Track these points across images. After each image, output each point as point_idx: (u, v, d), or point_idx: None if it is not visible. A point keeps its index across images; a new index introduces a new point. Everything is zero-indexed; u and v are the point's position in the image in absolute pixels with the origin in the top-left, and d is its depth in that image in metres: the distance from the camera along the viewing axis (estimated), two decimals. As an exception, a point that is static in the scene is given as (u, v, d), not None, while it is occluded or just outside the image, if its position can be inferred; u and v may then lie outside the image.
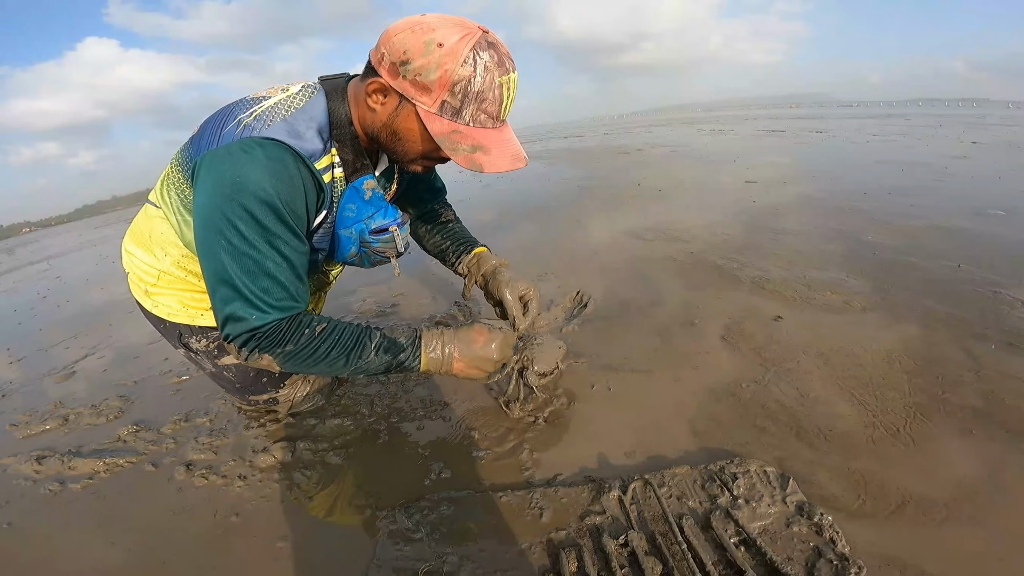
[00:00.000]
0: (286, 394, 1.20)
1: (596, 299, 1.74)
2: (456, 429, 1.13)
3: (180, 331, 1.08)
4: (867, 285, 1.67)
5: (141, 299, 1.09)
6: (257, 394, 1.19)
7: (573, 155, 7.74)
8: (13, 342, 2.39)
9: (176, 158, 0.93)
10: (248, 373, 1.14)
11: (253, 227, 0.76)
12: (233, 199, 0.75)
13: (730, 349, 1.34)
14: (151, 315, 1.09)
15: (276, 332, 0.79)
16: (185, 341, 1.09)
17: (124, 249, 1.10)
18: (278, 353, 0.80)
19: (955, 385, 1.10)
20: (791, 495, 0.82)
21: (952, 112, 15.87)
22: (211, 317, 1.02)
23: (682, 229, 2.57)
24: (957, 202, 2.76)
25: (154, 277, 1.04)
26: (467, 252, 1.23)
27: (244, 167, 0.75)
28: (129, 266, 1.09)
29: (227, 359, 1.12)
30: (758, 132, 9.25)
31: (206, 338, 1.08)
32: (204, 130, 0.85)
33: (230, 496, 1.02)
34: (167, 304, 1.06)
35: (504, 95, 0.79)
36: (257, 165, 0.76)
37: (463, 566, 0.78)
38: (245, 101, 0.85)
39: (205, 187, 0.79)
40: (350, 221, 0.95)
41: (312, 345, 0.81)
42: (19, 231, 19.92)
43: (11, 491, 1.13)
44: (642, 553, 0.75)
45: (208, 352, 1.10)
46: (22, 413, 1.52)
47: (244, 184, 0.75)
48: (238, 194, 0.75)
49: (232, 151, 0.77)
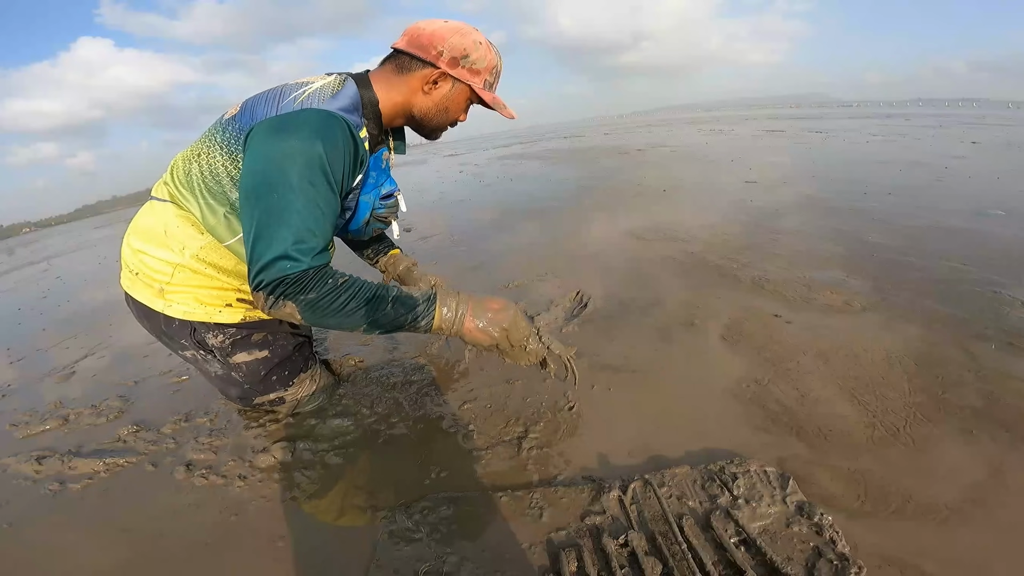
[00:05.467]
0: (293, 393, 1.22)
1: (596, 299, 1.74)
2: (456, 429, 1.13)
3: (194, 327, 1.08)
4: (867, 285, 1.67)
5: (151, 301, 1.06)
6: (265, 393, 1.19)
7: (573, 155, 7.74)
8: (13, 342, 2.39)
9: (212, 139, 0.98)
10: (259, 371, 1.15)
11: (302, 182, 0.84)
12: (287, 156, 0.84)
13: (730, 349, 1.34)
14: (160, 316, 1.07)
15: (303, 280, 0.83)
16: (200, 338, 1.09)
17: (131, 249, 1.07)
18: (301, 300, 0.84)
19: (955, 385, 1.10)
20: (791, 495, 0.82)
21: (952, 112, 15.87)
22: (228, 314, 1.08)
23: (682, 229, 2.57)
24: (957, 202, 2.76)
25: (168, 274, 1.04)
26: (384, 253, 1.44)
27: (300, 129, 0.86)
28: (138, 266, 1.06)
29: (239, 356, 1.13)
30: (758, 132, 9.26)
31: (222, 334, 1.10)
32: (254, 107, 0.94)
33: (230, 496, 1.02)
34: (183, 303, 1.06)
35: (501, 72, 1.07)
36: (311, 129, 0.86)
37: (463, 566, 0.78)
38: (292, 85, 0.96)
39: (261, 146, 0.87)
40: (370, 187, 1.10)
41: (334, 295, 0.85)
42: (19, 231, 19.93)
43: (11, 491, 1.13)
44: (642, 553, 0.75)
45: (222, 348, 1.11)
46: (22, 413, 1.52)
47: (298, 144, 0.85)
48: (292, 152, 0.84)
49: (293, 117, 0.88)
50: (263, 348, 1.15)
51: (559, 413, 1.14)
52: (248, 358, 1.13)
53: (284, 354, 1.19)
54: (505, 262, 2.33)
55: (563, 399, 1.18)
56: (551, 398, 1.19)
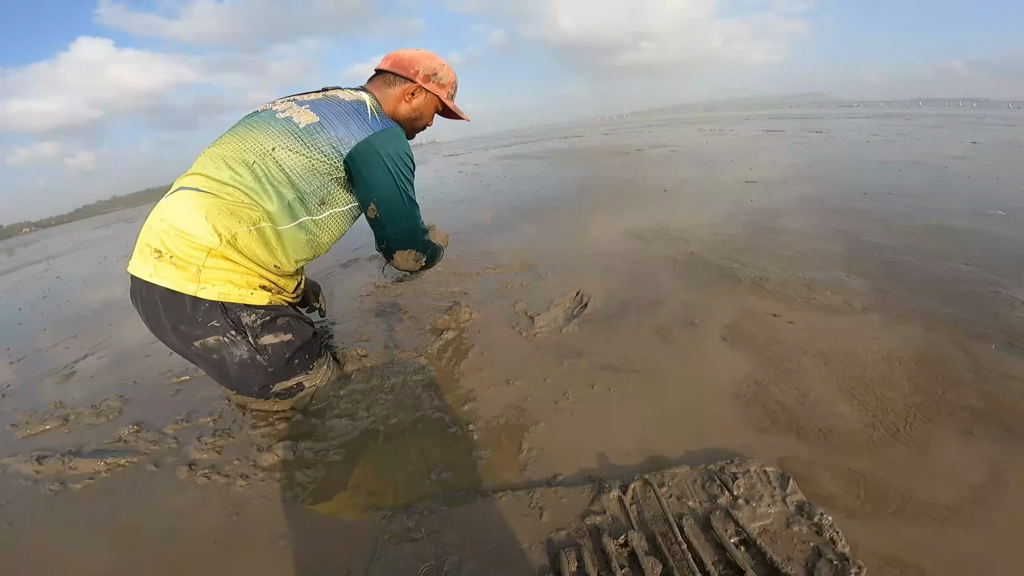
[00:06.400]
0: (312, 378, 1.29)
1: (596, 299, 1.74)
2: (456, 429, 1.13)
3: (227, 308, 1.13)
4: (867, 285, 1.67)
5: (180, 284, 1.10)
6: (287, 379, 1.25)
7: (573, 155, 7.74)
8: (13, 342, 2.39)
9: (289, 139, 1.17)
10: (284, 354, 1.22)
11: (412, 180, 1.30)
12: (406, 164, 1.26)
13: (730, 349, 1.34)
14: (186, 299, 1.10)
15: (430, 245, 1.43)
16: (235, 316, 1.14)
17: (171, 230, 1.10)
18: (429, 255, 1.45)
19: (955, 385, 1.10)
20: (791, 495, 0.82)
21: (952, 112, 15.87)
22: (258, 296, 1.18)
23: (682, 229, 2.57)
24: (957, 202, 2.76)
25: (202, 258, 1.10)
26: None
27: (403, 144, 1.26)
28: (175, 247, 1.09)
29: (267, 338, 1.19)
30: (758, 132, 9.26)
31: (255, 314, 1.18)
32: (336, 119, 1.20)
33: (232, 495, 1.02)
34: (218, 283, 1.12)
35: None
36: (405, 142, 1.28)
37: (463, 566, 0.78)
38: (353, 104, 1.25)
39: (383, 162, 1.21)
40: None
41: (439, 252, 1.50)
42: (19, 231, 19.93)
43: (11, 491, 1.13)
44: (642, 553, 0.75)
45: (253, 328, 1.17)
46: (22, 413, 1.52)
47: (407, 153, 1.27)
48: (407, 159, 1.26)
49: (391, 135, 1.24)
50: (287, 332, 1.22)
51: (559, 413, 1.14)
52: (275, 340, 1.21)
53: (305, 338, 1.27)
54: (505, 262, 2.34)
55: (563, 399, 1.18)
56: (551, 398, 1.19)
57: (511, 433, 1.09)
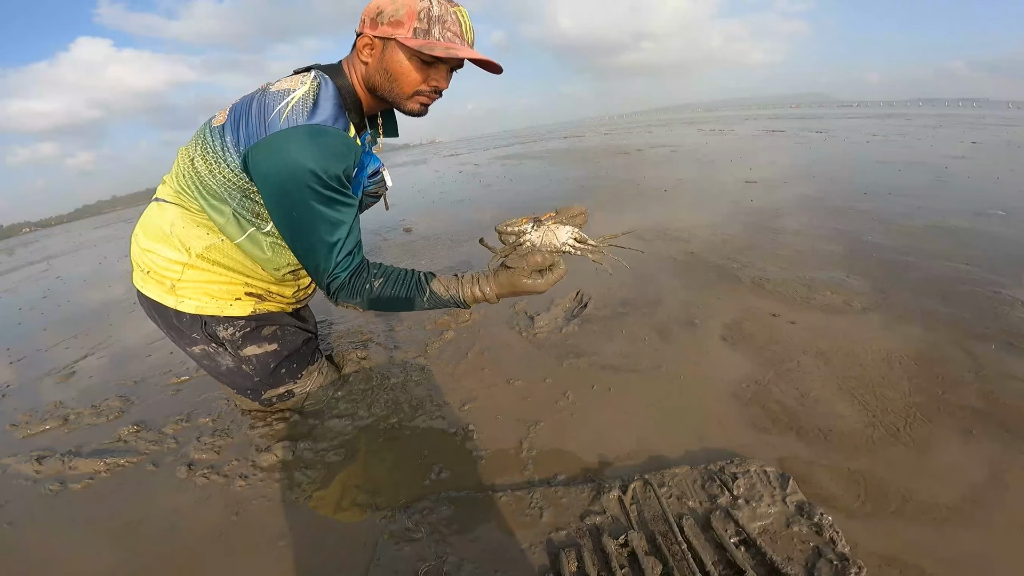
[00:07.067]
0: (301, 386, 1.26)
1: (596, 299, 1.74)
2: (456, 429, 1.13)
3: (205, 321, 1.11)
4: (867, 285, 1.67)
5: (162, 297, 1.09)
6: (275, 387, 1.23)
7: (573, 155, 7.74)
8: (13, 342, 2.39)
9: (204, 147, 0.99)
10: (268, 364, 1.18)
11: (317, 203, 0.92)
12: (296, 182, 0.90)
13: (730, 349, 1.34)
14: (171, 311, 1.09)
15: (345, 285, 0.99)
16: (212, 331, 1.12)
17: (140, 248, 1.09)
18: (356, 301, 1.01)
19: (955, 385, 1.10)
20: (791, 495, 0.82)
21: (952, 112, 15.87)
22: (239, 307, 1.11)
23: (682, 229, 2.57)
24: (957, 202, 2.76)
25: (178, 272, 1.07)
26: None
27: (294, 154, 0.90)
28: (149, 264, 1.08)
29: (249, 349, 1.16)
30: (758, 132, 9.26)
31: (233, 327, 1.13)
32: (240, 118, 0.95)
33: (231, 495, 1.02)
34: (195, 298, 1.09)
35: (460, 19, 0.96)
36: (304, 149, 0.90)
37: (463, 566, 0.78)
38: (274, 94, 0.94)
39: (269, 177, 0.92)
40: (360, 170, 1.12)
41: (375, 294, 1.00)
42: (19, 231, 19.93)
43: (11, 491, 1.13)
44: (642, 553, 0.75)
45: (233, 341, 1.14)
46: (22, 413, 1.52)
47: (298, 168, 0.89)
48: (296, 177, 0.90)
49: (284, 139, 0.90)
50: (272, 342, 1.19)
51: (559, 413, 1.14)
52: (258, 351, 1.17)
53: (293, 347, 1.23)
54: (505, 262, 2.33)
55: (563, 399, 1.18)
56: (551, 398, 1.19)
57: (511, 433, 1.09)
